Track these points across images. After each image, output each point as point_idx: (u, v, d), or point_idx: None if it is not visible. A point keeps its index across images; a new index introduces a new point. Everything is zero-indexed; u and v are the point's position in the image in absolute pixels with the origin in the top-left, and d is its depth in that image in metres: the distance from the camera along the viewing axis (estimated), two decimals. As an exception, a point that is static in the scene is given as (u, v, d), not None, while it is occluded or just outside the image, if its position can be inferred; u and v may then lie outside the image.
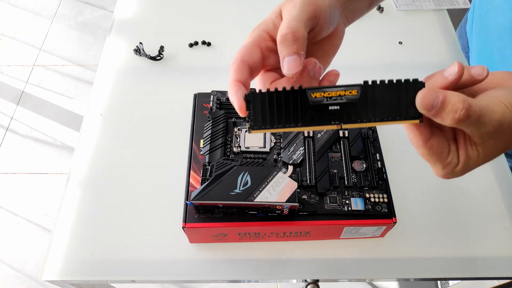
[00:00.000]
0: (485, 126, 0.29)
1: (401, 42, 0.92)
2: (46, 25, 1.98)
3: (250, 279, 0.62)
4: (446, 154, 0.33)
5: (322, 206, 0.57)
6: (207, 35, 0.91)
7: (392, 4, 0.99)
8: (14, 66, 1.83)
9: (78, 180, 0.71)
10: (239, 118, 0.66)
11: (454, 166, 0.33)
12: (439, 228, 0.66)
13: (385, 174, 0.60)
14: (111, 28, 0.95)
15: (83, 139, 0.76)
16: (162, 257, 0.63)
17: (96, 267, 0.62)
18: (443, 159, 0.33)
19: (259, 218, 0.57)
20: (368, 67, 0.87)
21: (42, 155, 1.55)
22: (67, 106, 1.70)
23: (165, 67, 0.87)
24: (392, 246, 0.64)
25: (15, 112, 1.68)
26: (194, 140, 0.63)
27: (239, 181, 0.55)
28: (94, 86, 0.84)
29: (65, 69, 1.82)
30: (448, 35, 0.93)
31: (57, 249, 0.64)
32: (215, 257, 0.63)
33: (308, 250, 0.63)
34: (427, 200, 0.69)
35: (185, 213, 0.57)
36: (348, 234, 0.61)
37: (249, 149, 0.62)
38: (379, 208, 0.57)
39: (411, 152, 0.73)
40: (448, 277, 0.65)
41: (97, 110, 0.80)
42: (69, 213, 0.67)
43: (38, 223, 1.39)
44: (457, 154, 0.33)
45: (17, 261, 1.31)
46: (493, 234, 0.65)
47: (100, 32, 1.95)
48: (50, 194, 1.46)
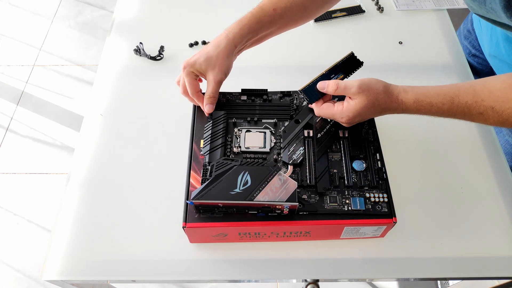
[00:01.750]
0: (349, 90, 0.58)
1: (401, 42, 0.92)
2: (46, 25, 1.98)
3: (250, 279, 0.62)
4: (332, 108, 0.61)
5: (322, 206, 0.57)
6: (207, 35, 0.91)
7: (392, 4, 0.99)
8: (14, 66, 1.83)
9: (78, 180, 0.71)
10: (239, 118, 0.66)
11: (340, 111, 0.59)
12: (439, 228, 0.66)
13: (385, 174, 0.60)
14: (111, 28, 0.95)
15: (83, 139, 0.76)
16: (162, 257, 0.63)
17: (96, 267, 0.62)
18: (333, 111, 0.61)
19: (259, 218, 0.57)
20: (368, 67, 0.87)
21: (42, 155, 1.55)
22: (67, 106, 1.70)
23: (165, 67, 0.87)
24: (392, 246, 0.64)
25: (15, 112, 1.68)
26: (194, 140, 0.63)
27: (239, 181, 0.55)
28: (94, 86, 0.84)
29: (65, 69, 1.82)
30: (448, 35, 0.93)
31: (57, 249, 0.64)
32: (215, 257, 0.63)
33: (308, 250, 0.63)
34: (427, 200, 0.69)
35: (185, 213, 0.57)
36: (348, 234, 0.61)
37: (249, 149, 0.62)
38: (379, 207, 0.57)
39: (411, 152, 0.73)
40: (448, 277, 0.65)
41: (97, 110, 0.80)
42: (69, 213, 0.67)
43: (38, 223, 1.39)
44: (341, 106, 0.60)
45: (17, 261, 1.31)
46: (493, 234, 0.65)
47: (100, 32, 1.94)
48: (50, 194, 1.46)
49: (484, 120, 0.55)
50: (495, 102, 0.53)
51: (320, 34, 0.94)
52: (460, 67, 0.87)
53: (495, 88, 0.53)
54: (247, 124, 0.65)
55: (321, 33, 0.94)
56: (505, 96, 0.52)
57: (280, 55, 0.90)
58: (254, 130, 0.64)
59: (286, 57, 0.89)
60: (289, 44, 0.91)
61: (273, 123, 0.65)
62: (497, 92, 0.53)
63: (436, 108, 0.56)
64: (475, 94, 0.54)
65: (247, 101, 0.68)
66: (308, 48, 0.91)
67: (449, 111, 0.56)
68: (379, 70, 0.87)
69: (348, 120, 0.60)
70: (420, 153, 0.74)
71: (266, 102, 0.68)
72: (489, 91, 0.53)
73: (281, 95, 0.69)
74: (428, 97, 0.56)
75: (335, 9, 0.97)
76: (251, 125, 0.65)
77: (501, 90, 0.52)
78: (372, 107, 0.58)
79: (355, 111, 0.58)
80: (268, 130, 0.64)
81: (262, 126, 0.65)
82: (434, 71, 0.87)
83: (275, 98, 0.68)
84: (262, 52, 0.87)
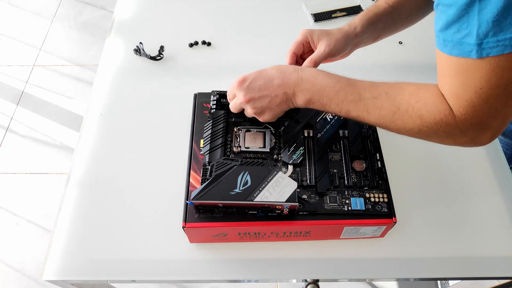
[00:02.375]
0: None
1: (401, 42, 0.92)
2: (46, 25, 1.98)
3: (250, 279, 0.62)
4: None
5: (322, 206, 0.57)
6: (207, 35, 0.91)
7: (392, 4, 0.99)
8: (14, 66, 1.83)
9: (78, 180, 0.71)
10: (239, 118, 0.66)
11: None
12: (439, 228, 0.66)
13: (385, 174, 0.60)
14: (111, 28, 0.94)
15: (83, 139, 0.76)
16: (162, 257, 0.63)
17: (96, 267, 0.62)
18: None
19: (259, 218, 0.57)
20: (368, 67, 0.87)
21: (42, 155, 1.55)
22: (67, 106, 1.70)
23: (165, 67, 0.87)
24: (392, 246, 0.64)
25: (15, 112, 1.68)
26: (194, 140, 0.63)
27: (239, 181, 0.55)
28: (94, 86, 0.84)
29: (65, 69, 1.82)
30: (448, 35, 0.93)
31: (57, 249, 0.64)
32: (215, 257, 0.63)
33: (308, 250, 0.63)
34: (427, 200, 0.69)
35: (185, 213, 0.57)
36: (348, 234, 0.61)
37: (249, 149, 0.62)
38: (379, 207, 0.57)
39: (411, 152, 0.73)
40: (448, 277, 0.65)
41: (97, 110, 0.80)
42: (69, 213, 0.67)
43: (37, 223, 1.39)
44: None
45: (17, 261, 1.31)
46: (493, 234, 0.65)
47: (100, 32, 1.94)
48: (50, 194, 1.46)
49: (378, 108, 0.52)
50: (389, 88, 0.52)
51: (320, 34, 0.94)
52: (460, 67, 0.87)
53: (396, 82, 0.53)
54: (247, 124, 0.65)
55: (321, 33, 0.94)
56: (399, 85, 0.52)
57: (280, 55, 0.89)
58: (254, 129, 0.64)
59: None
60: (289, 44, 0.91)
61: (273, 123, 0.65)
62: (395, 84, 0.53)
63: (330, 87, 0.55)
64: (373, 82, 0.54)
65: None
66: (308, 48, 0.91)
67: (341, 91, 0.54)
68: (379, 70, 0.87)
69: (242, 85, 0.58)
70: (420, 153, 0.73)
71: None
72: (388, 83, 0.53)
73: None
74: (326, 75, 0.56)
75: (335, 9, 0.97)
76: (251, 124, 0.65)
77: (399, 83, 0.53)
78: (273, 69, 0.59)
79: (252, 73, 0.59)
80: (268, 130, 0.64)
81: (262, 126, 0.65)
82: (434, 71, 0.86)
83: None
84: (262, 52, 0.87)
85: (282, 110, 0.60)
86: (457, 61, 0.45)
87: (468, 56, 0.43)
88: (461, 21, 0.43)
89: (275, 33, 0.92)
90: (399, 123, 0.51)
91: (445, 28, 0.45)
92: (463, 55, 0.44)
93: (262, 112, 0.59)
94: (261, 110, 0.59)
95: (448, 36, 0.45)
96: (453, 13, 0.43)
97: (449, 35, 0.44)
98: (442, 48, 0.46)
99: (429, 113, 0.49)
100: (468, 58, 0.43)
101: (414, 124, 0.50)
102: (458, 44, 0.44)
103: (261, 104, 0.58)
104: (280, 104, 0.58)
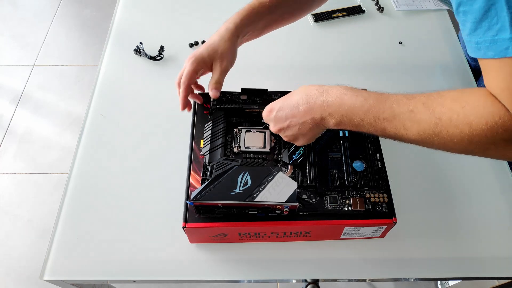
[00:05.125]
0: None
1: (401, 42, 0.92)
2: (46, 25, 1.98)
3: (250, 279, 0.62)
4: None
5: (322, 206, 0.57)
6: (207, 35, 0.90)
7: (392, 4, 0.99)
8: (14, 66, 1.83)
9: (78, 180, 0.71)
10: (239, 118, 0.66)
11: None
12: (439, 228, 0.66)
13: (385, 174, 0.60)
14: (111, 28, 0.94)
15: (83, 139, 0.76)
16: (162, 257, 0.63)
17: (96, 267, 0.62)
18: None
19: (259, 218, 0.57)
20: (368, 67, 0.87)
21: (42, 155, 1.55)
22: (67, 106, 1.70)
23: (165, 67, 0.87)
24: (392, 246, 0.64)
25: (15, 112, 1.68)
26: (194, 140, 0.63)
27: (239, 181, 0.55)
28: (94, 86, 0.84)
29: (65, 69, 1.82)
30: (448, 35, 0.93)
31: (57, 249, 0.64)
32: (215, 257, 0.63)
33: (308, 250, 0.63)
34: (427, 200, 0.69)
35: (185, 213, 0.57)
36: (348, 234, 0.61)
37: (249, 149, 0.62)
38: (379, 208, 0.57)
39: (411, 152, 0.73)
40: (448, 277, 0.65)
41: (97, 111, 0.80)
42: (69, 213, 0.67)
43: (38, 223, 1.39)
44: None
45: (17, 261, 1.31)
46: (493, 234, 0.65)
47: (100, 32, 1.94)
48: (50, 194, 1.46)
49: (417, 122, 0.45)
50: (426, 98, 0.46)
51: (320, 34, 0.94)
52: (460, 67, 0.87)
53: (434, 91, 0.47)
54: (247, 124, 0.65)
55: (321, 33, 0.94)
56: (438, 93, 0.46)
57: (280, 55, 0.90)
58: (254, 130, 0.64)
59: (286, 57, 0.89)
60: (289, 44, 0.91)
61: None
62: (433, 93, 0.47)
63: (359, 107, 0.49)
64: (407, 95, 0.48)
65: (247, 101, 0.68)
66: (308, 48, 0.91)
67: (371, 109, 0.48)
68: (379, 70, 0.87)
69: (270, 115, 0.58)
70: (420, 153, 0.73)
71: (266, 102, 0.68)
72: (424, 93, 0.47)
73: (281, 95, 0.69)
74: (353, 94, 0.51)
75: (335, 9, 0.97)
76: (251, 125, 0.65)
77: (438, 91, 0.47)
78: (298, 93, 0.55)
79: (278, 100, 0.57)
80: (268, 130, 0.64)
81: (262, 126, 0.65)
82: (434, 71, 0.87)
83: (275, 98, 0.68)
84: (262, 52, 0.87)
85: (315, 133, 0.57)
86: (497, 63, 0.40)
87: (505, 56, 0.38)
88: (489, 16, 0.38)
89: (275, 33, 0.92)
90: (444, 135, 0.44)
91: (474, 29, 0.40)
92: (499, 55, 0.39)
93: (295, 139, 0.58)
94: (293, 137, 0.58)
95: (479, 37, 0.40)
96: (478, 8, 0.39)
97: (480, 35, 0.40)
98: (476, 53, 0.41)
99: (479, 118, 0.41)
100: (506, 57, 0.38)
101: (463, 134, 0.42)
102: (492, 43, 0.39)
103: (291, 133, 0.57)
104: (311, 129, 0.55)
